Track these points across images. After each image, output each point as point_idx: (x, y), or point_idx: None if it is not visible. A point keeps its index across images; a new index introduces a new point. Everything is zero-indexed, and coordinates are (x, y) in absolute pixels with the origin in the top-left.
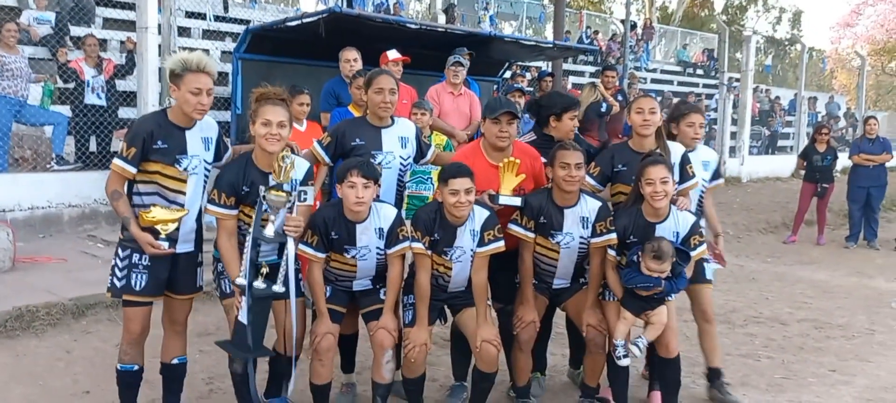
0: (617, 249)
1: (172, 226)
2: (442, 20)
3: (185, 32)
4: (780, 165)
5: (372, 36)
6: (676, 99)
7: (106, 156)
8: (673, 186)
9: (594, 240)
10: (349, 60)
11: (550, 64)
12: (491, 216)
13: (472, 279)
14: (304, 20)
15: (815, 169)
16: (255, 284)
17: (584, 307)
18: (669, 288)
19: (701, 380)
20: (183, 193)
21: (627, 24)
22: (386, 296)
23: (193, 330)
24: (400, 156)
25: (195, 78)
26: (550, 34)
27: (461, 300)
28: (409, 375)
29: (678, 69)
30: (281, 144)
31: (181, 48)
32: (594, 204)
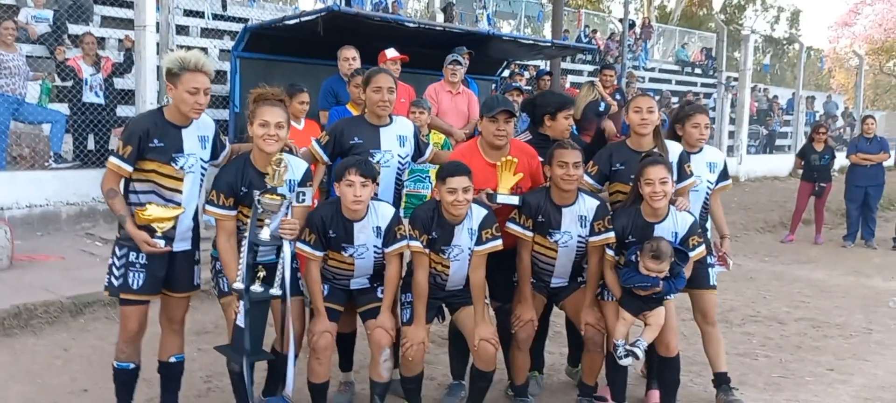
0: (615, 249)
1: (168, 225)
2: (440, 19)
3: (183, 31)
4: (777, 164)
5: (370, 34)
6: (675, 98)
7: (104, 155)
8: (672, 186)
9: (592, 239)
10: (348, 59)
11: (549, 63)
12: (489, 215)
13: (470, 278)
14: (302, 19)
15: (812, 168)
16: (252, 288)
17: (582, 306)
18: (668, 288)
19: (699, 379)
20: (179, 192)
21: (626, 23)
22: (384, 295)
23: (191, 328)
24: (398, 155)
25: (192, 77)
26: (549, 33)
27: (459, 298)
28: (407, 373)
29: (676, 68)
30: (279, 145)
31: (179, 46)
32: (592, 202)
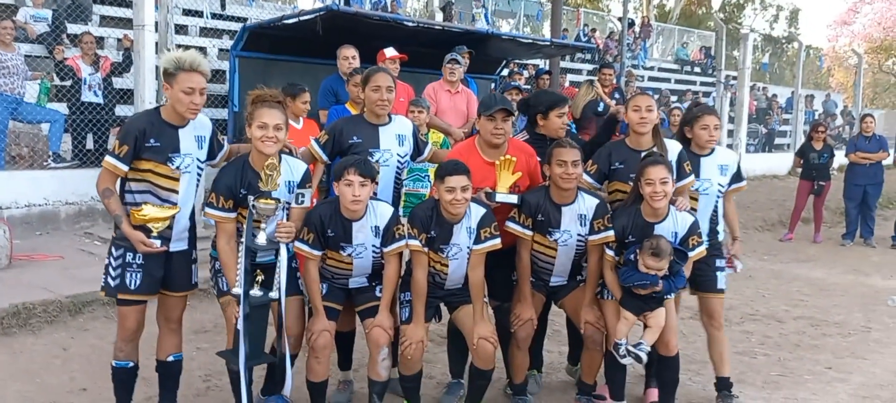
0: (615, 250)
1: (164, 224)
2: (439, 18)
3: (182, 30)
4: (776, 163)
5: (369, 34)
6: (673, 97)
7: (103, 154)
8: (672, 186)
9: (592, 238)
10: (347, 57)
11: (548, 62)
12: (487, 213)
13: (468, 276)
14: (301, 18)
15: (811, 166)
16: (251, 293)
17: (581, 304)
18: (668, 287)
19: (698, 378)
20: (175, 192)
21: (625, 21)
22: (382, 294)
23: (190, 327)
24: (397, 154)
25: (188, 77)
26: (548, 32)
27: (458, 297)
28: (405, 372)
29: (675, 67)
30: (278, 146)
31: (178, 46)
32: (592, 201)
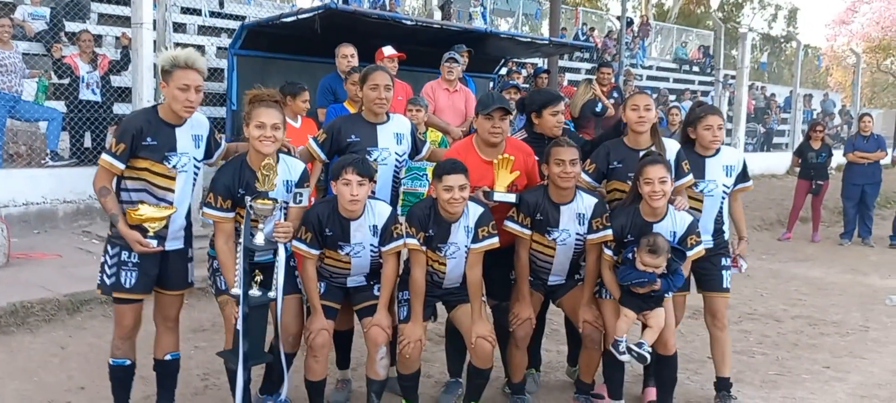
0: (614, 249)
1: (160, 224)
2: (438, 17)
3: (180, 28)
4: (775, 162)
5: (367, 32)
6: (672, 96)
7: (101, 152)
8: (671, 185)
9: (590, 237)
10: (346, 56)
11: (546, 61)
12: (485, 212)
13: (466, 275)
14: (299, 16)
15: (809, 166)
16: (250, 293)
17: (579, 303)
18: (666, 285)
19: (696, 377)
20: (171, 190)
21: (623, 20)
22: (380, 293)
23: (189, 326)
24: (395, 153)
25: (183, 74)
26: (546, 31)
27: (456, 296)
28: (403, 371)
29: (674, 66)
30: (276, 146)
31: (176, 44)
32: (590, 200)
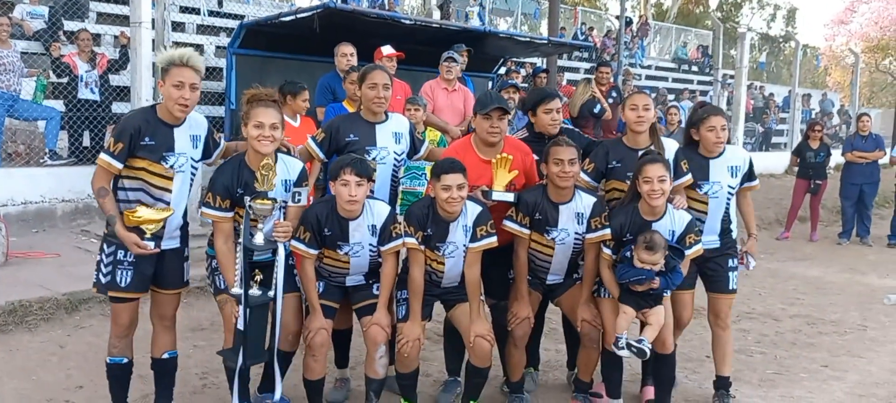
0: (613, 248)
1: (158, 226)
2: (437, 16)
3: (179, 27)
4: (773, 162)
5: (366, 31)
6: (671, 95)
7: (99, 151)
8: (670, 185)
9: (589, 236)
10: (346, 55)
11: (545, 60)
12: (483, 211)
13: (465, 274)
14: (298, 15)
15: (808, 165)
16: (250, 293)
17: (577, 302)
18: (665, 283)
19: (694, 376)
20: (168, 191)
21: (622, 20)
22: (380, 292)
23: (187, 325)
24: (394, 152)
25: (178, 72)
26: (545, 30)
27: (454, 295)
28: (402, 370)
29: (673, 66)
30: (274, 145)
31: (175, 43)
32: (589, 199)
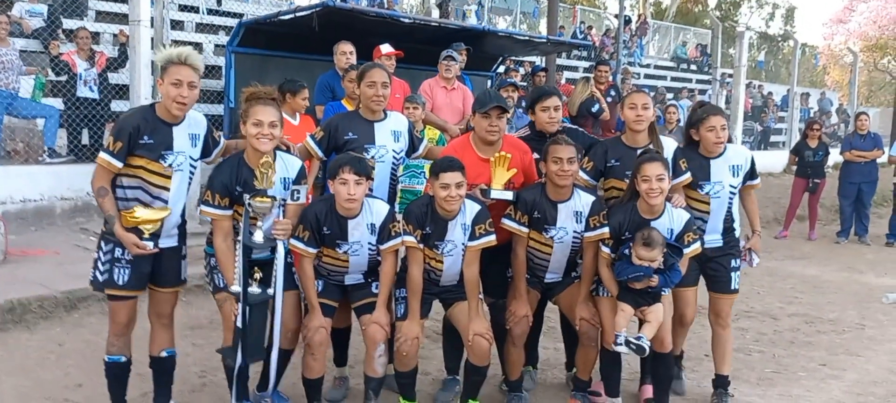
0: (611, 247)
1: (156, 226)
2: (436, 15)
3: (178, 26)
4: (772, 161)
5: (365, 30)
6: (670, 94)
7: (98, 149)
8: (669, 183)
9: (587, 235)
10: (345, 53)
11: (544, 59)
12: (482, 210)
13: (463, 273)
14: (297, 14)
15: (806, 164)
16: (249, 290)
17: (576, 301)
18: (663, 281)
19: (693, 374)
20: (166, 189)
21: (621, 19)
22: (379, 291)
23: (186, 323)
24: (393, 150)
25: (176, 70)
26: (544, 29)
27: (453, 294)
28: (401, 368)
29: (671, 65)
30: (273, 143)
31: (174, 42)
32: (588, 198)
